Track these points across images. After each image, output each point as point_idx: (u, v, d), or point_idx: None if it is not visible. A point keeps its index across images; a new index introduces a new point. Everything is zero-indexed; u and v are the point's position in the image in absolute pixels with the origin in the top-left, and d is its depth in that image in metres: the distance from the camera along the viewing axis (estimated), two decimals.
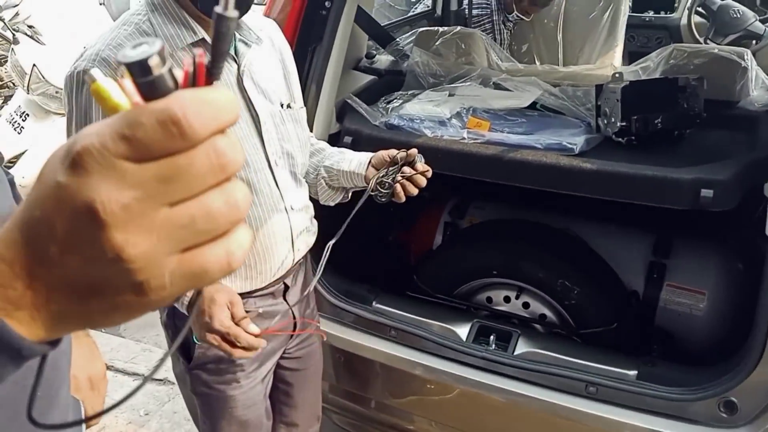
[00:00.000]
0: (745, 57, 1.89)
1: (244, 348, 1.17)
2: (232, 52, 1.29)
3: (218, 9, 0.33)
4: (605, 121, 1.87)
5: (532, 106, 2.07)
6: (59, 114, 3.18)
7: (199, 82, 0.34)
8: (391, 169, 1.34)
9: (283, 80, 1.45)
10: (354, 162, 1.47)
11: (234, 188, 0.36)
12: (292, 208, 1.41)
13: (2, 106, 4.38)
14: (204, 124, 0.33)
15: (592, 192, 1.76)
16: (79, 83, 1.19)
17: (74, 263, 0.34)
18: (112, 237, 0.33)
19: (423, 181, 1.35)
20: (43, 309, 0.36)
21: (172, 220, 0.34)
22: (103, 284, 0.35)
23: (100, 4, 6.06)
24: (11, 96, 4.85)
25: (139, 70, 0.32)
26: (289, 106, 1.43)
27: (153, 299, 0.35)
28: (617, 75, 1.89)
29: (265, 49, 1.39)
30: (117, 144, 0.32)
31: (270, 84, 1.38)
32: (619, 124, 1.81)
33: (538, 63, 2.91)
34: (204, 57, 0.34)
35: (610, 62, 2.71)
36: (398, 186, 1.33)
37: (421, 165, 1.35)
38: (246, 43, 1.32)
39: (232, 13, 0.33)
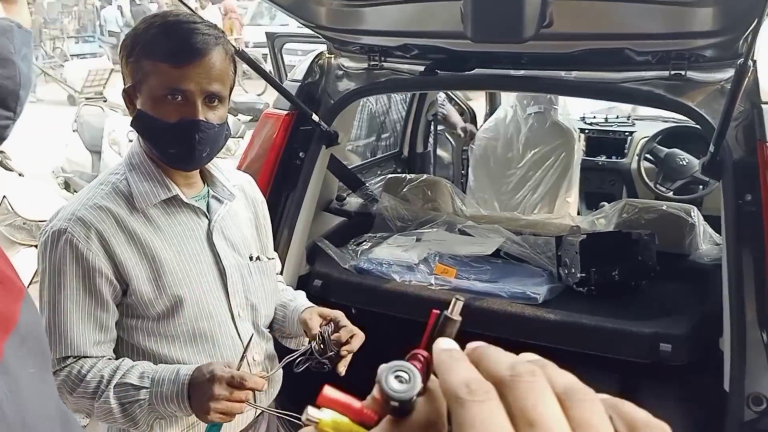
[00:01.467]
0: (692, 213, 2.03)
1: (251, 388, 1.17)
2: (204, 208, 1.35)
3: (446, 312, 0.40)
4: (566, 271, 1.96)
5: (496, 253, 2.16)
6: (24, 245, 3.16)
7: (426, 378, 0.39)
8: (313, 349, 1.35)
9: (255, 232, 1.49)
10: (294, 322, 1.48)
11: None
12: (254, 360, 1.40)
13: None
14: None
15: (556, 342, 1.80)
16: (54, 242, 1.21)
17: None
18: None
19: (348, 353, 1.36)
20: None
21: None
22: None
23: (73, 131, 6.20)
24: None
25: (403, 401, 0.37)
26: (258, 258, 1.46)
27: None
28: (575, 228, 2.01)
29: (238, 204, 1.44)
30: None
31: (240, 237, 1.41)
32: (579, 275, 1.89)
33: (496, 205, 3.05)
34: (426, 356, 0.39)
35: (567, 210, 2.86)
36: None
37: (344, 333, 1.35)
38: (219, 200, 1.37)
39: (457, 317, 0.40)
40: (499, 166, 3.16)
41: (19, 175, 4.29)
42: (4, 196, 3.29)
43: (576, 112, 4.02)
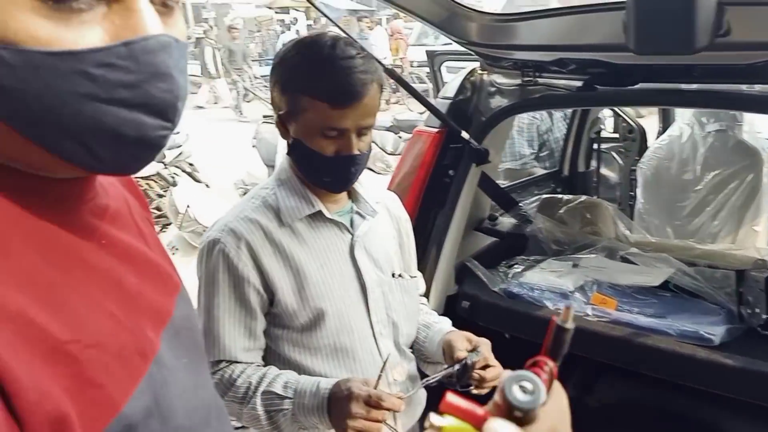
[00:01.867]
0: None
1: (388, 408, 1.14)
2: (347, 223, 1.36)
3: (558, 321, 0.42)
4: (749, 311, 1.71)
5: (664, 285, 1.94)
6: None
7: (547, 387, 0.41)
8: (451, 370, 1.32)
9: (397, 249, 1.48)
10: (435, 343, 1.45)
11: None
12: (395, 380, 1.38)
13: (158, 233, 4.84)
14: None
15: (735, 392, 1.57)
16: (209, 251, 1.29)
17: None
18: None
19: (487, 380, 1.30)
20: None
21: None
22: None
23: (252, 146, 6.76)
24: (169, 224, 5.39)
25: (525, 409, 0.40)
26: (400, 275, 1.44)
27: None
28: (761, 261, 1.74)
29: (381, 220, 1.44)
30: None
31: (382, 254, 1.41)
32: (764, 316, 1.64)
33: (670, 231, 2.77)
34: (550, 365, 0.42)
35: (754, 240, 2.52)
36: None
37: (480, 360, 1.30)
38: (362, 216, 1.38)
39: (570, 325, 0.42)
40: (673, 189, 2.86)
41: (206, 186, 4.74)
42: (188, 206, 3.63)
43: (766, 129, 3.55)
